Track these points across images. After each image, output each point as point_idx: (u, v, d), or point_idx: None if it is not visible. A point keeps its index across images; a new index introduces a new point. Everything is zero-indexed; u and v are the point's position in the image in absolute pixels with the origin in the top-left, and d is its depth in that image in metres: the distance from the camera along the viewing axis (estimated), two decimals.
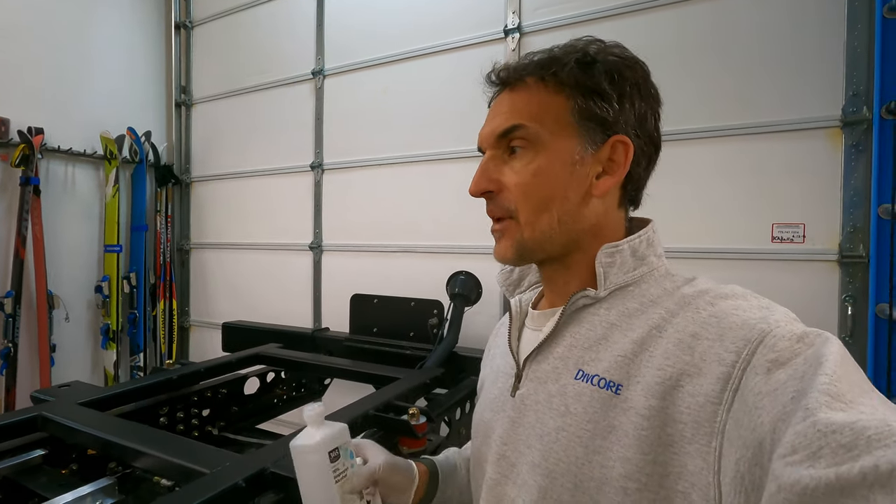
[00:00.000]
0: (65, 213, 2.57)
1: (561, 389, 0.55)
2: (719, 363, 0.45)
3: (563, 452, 0.52)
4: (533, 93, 0.58)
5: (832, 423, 0.32)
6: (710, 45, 1.69)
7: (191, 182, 3.06)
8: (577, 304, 0.58)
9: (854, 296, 1.50)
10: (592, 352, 0.54)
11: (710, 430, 0.43)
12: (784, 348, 0.42)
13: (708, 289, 0.53)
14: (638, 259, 0.58)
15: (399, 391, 1.27)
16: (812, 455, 0.32)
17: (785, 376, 0.39)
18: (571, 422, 0.52)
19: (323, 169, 2.53)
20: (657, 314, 0.52)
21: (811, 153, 1.56)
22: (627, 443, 0.47)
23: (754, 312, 0.47)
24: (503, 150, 0.60)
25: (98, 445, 1.00)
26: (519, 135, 0.57)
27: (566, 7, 1.93)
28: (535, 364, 0.60)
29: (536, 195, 0.57)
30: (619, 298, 0.57)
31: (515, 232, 0.59)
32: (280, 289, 2.68)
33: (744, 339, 0.45)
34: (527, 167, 0.57)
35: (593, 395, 0.52)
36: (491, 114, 0.62)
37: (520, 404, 0.59)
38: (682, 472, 0.45)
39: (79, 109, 2.61)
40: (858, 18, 1.48)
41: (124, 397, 1.29)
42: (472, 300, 1.85)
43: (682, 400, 0.46)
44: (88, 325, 2.70)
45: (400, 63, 2.30)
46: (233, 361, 1.60)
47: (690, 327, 0.49)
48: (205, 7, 3.01)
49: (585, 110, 0.56)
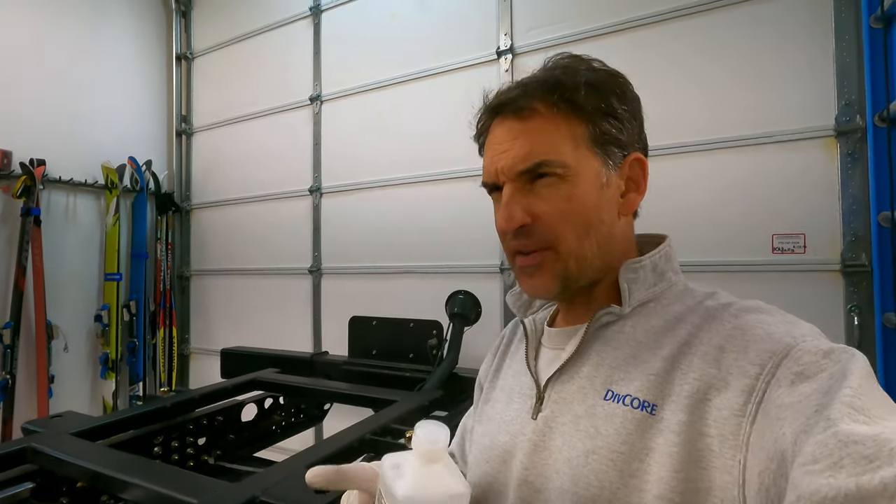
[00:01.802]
0: (66, 242, 2.58)
1: (589, 410, 0.52)
2: (744, 375, 0.44)
3: (594, 477, 0.49)
4: (547, 120, 0.55)
5: (854, 434, 0.32)
6: (702, 60, 1.71)
7: (191, 209, 3.08)
8: (601, 321, 0.56)
9: (859, 306, 1.47)
10: (622, 371, 0.52)
11: (735, 444, 0.42)
12: (809, 362, 0.41)
13: (731, 302, 0.52)
14: (658, 275, 0.58)
15: (397, 414, 1.25)
16: (833, 465, 0.31)
17: (809, 390, 0.39)
18: (603, 444, 0.50)
19: (321, 192, 2.54)
20: (685, 330, 0.51)
21: (807, 163, 1.56)
22: (661, 462, 0.46)
23: (780, 327, 0.46)
24: (525, 182, 0.56)
25: (86, 477, 0.98)
26: (543, 168, 0.55)
27: (557, 28, 1.96)
28: (558, 384, 0.57)
29: (576, 220, 0.55)
30: (643, 315, 0.55)
31: (556, 263, 0.55)
32: (280, 313, 2.67)
33: (769, 352, 0.44)
34: (559, 194, 0.54)
35: (626, 416, 0.49)
36: (498, 146, 0.57)
37: (543, 427, 0.56)
38: (711, 487, 0.43)
39: (80, 140, 2.65)
40: (846, 29, 1.50)
41: (117, 427, 1.26)
42: (472, 320, 1.83)
43: (710, 413, 0.45)
44: (87, 354, 2.68)
45: (395, 87, 2.34)
46: (229, 388, 1.58)
47: (716, 339, 0.48)
48: (205, 38, 3.08)
49: (604, 134, 0.55)
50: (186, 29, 3.13)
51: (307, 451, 1.03)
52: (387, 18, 2.37)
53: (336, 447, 1.04)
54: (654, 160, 0.62)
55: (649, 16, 1.78)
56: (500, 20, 2.07)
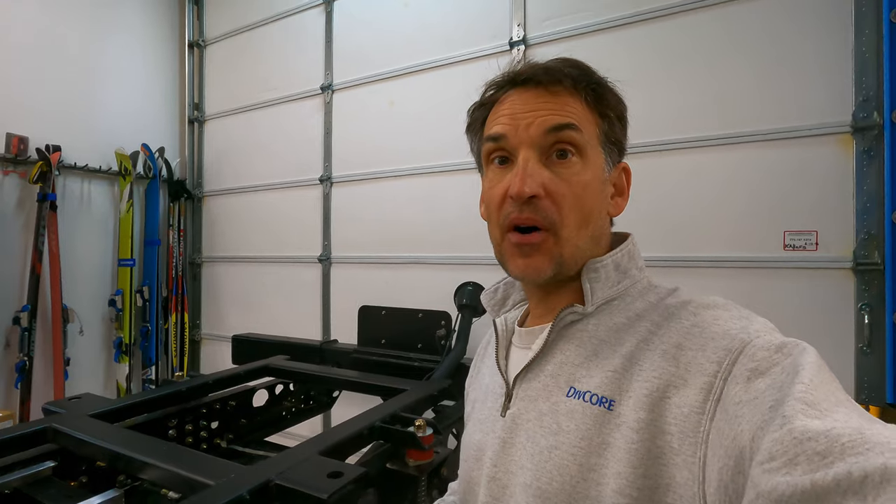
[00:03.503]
0: (80, 228, 2.62)
1: (552, 407, 0.54)
2: (702, 373, 0.45)
3: (556, 472, 0.51)
4: (577, 100, 0.55)
5: (808, 431, 0.33)
6: (718, 53, 1.69)
7: (203, 197, 3.11)
8: (565, 321, 0.57)
9: (870, 304, 1.46)
10: (583, 368, 0.54)
11: (695, 441, 0.43)
12: (763, 358, 0.43)
13: (690, 299, 0.53)
14: (621, 273, 0.58)
15: (406, 403, 1.26)
16: (789, 462, 0.32)
17: (764, 385, 0.40)
18: (564, 440, 0.51)
19: (332, 182, 2.55)
20: (644, 327, 0.52)
21: (822, 159, 1.54)
22: (619, 457, 0.47)
23: (735, 322, 0.48)
24: (541, 153, 0.54)
25: (106, 457, 1.01)
26: (570, 138, 0.53)
27: (571, 18, 1.94)
28: (525, 382, 0.58)
29: (582, 209, 0.55)
30: (606, 313, 0.57)
31: (554, 247, 0.55)
32: (289, 301, 2.70)
33: (725, 349, 0.45)
34: (576, 177, 0.54)
35: (586, 412, 0.51)
36: (524, 106, 0.55)
37: (511, 424, 0.58)
38: (670, 483, 0.44)
39: (95, 127, 2.68)
40: (866, 24, 1.47)
41: (134, 409, 1.29)
42: (480, 311, 1.84)
43: (669, 411, 0.46)
44: (102, 338, 2.74)
45: (406, 77, 2.33)
46: (241, 374, 1.61)
47: (675, 338, 0.49)
48: (217, 26, 3.09)
49: (612, 132, 0.58)
50: (199, 17, 3.14)
51: (319, 436, 1.05)
52: (399, 7, 2.36)
53: (347, 433, 1.06)
54: (668, 154, 0.64)
55: (667, 6, 1.75)
56: (513, 10, 2.05)
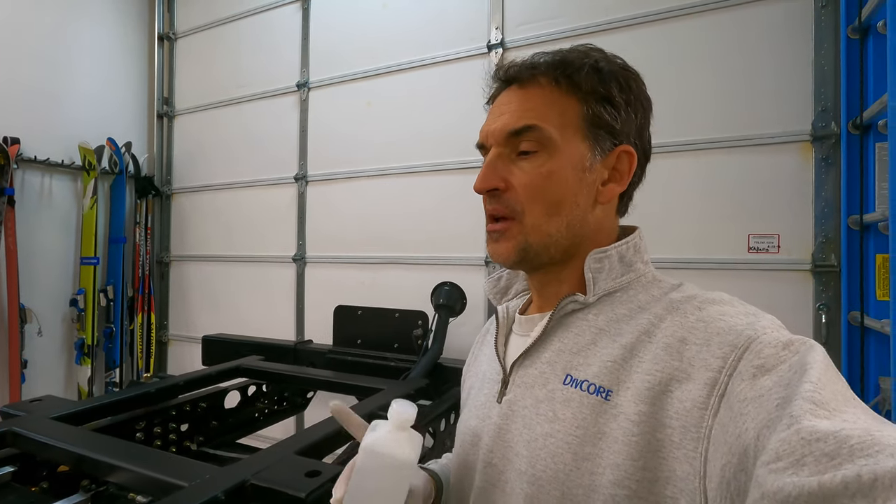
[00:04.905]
0: (40, 224, 2.51)
1: (549, 395, 0.54)
2: (706, 368, 0.45)
3: (550, 459, 0.51)
4: (546, 93, 0.57)
5: (816, 432, 0.32)
6: (687, 63, 1.75)
7: (171, 194, 3.02)
8: (565, 309, 0.57)
9: (827, 304, 1.54)
10: (581, 357, 0.54)
11: (697, 436, 0.43)
12: (770, 355, 0.42)
13: (695, 294, 0.53)
14: (625, 265, 0.58)
15: (382, 402, 1.26)
16: (796, 462, 0.31)
17: (770, 383, 0.39)
18: (560, 428, 0.51)
19: (307, 181, 2.52)
20: (646, 319, 0.52)
21: (784, 166, 1.61)
22: (617, 449, 0.47)
23: (741, 318, 0.47)
24: (511, 150, 0.58)
25: (71, 460, 0.97)
26: (532, 136, 0.56)
27: (548, 24, 1.98)
28: (522, 369, 0.59)
29: (547, 198, 0.56)
30: (608, 304, 0.57)
31: (518, 234, 0.57)
32: (262, 301, 2.65)
33: (730, 345, 0.45)
34: (538, 169, 0.56)
35: (582, 401, 0.51)
36: (497, 109, 0.60)
37: (507, 410, 0.58)
38: (670, 477, 0.44)
39: (57, 120, 2.57)
40: (825, 38, 1.55)
41: (99, 411, 1.25)
42: (457, 311, 1.85)
43: (671, 405, 0.45)
44: (62, 339, 2.62)
45: (384, 76, 2.33)
46: (213, 374, 1.57)
47: (679, 332, 0.49)
48: (188, 19, 3.01)
49: (596, 117, 0.56)
50: (169, 8, 3.05)
51: (295, 436, 1.04)
52: (378, 7, 2.35)
53: (323, 433, 1.05)
54: None
55: (640, 15, 1.81)
56: (491, 14, 2.07)
